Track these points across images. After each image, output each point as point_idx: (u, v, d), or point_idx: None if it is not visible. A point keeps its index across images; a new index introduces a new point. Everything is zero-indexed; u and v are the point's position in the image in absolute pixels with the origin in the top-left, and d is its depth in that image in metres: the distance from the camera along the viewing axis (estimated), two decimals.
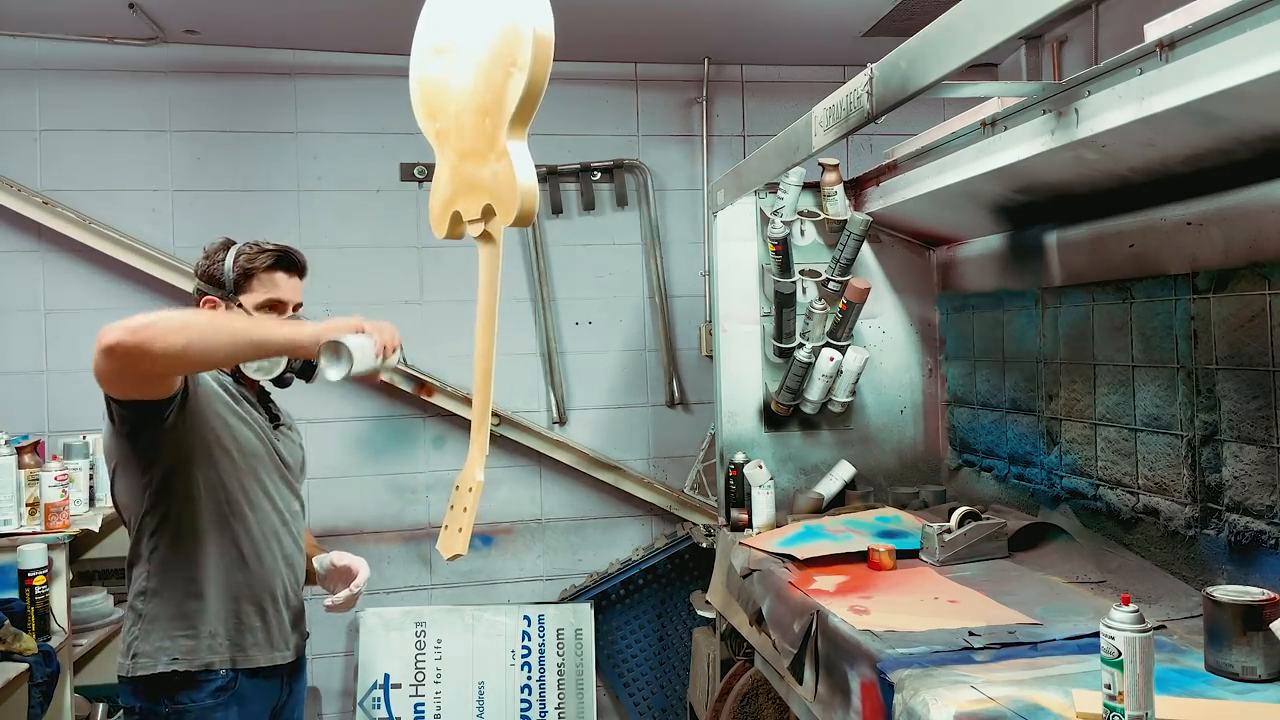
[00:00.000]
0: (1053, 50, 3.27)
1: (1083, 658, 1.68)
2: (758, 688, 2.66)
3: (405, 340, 3.50)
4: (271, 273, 1.92)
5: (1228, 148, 1.72)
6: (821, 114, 2.15)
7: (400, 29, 1.73)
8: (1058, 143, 1.91)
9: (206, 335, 1.61)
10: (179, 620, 1.81)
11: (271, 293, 1.92)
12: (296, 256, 1.97)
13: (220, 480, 1.84)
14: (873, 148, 3.67)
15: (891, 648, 1.80)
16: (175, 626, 1.81)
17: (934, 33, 1.68)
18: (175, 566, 1.82)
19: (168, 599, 1.82)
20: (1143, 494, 2.20)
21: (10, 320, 3.37)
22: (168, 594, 1.82)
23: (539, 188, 3.78)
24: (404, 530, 3.64)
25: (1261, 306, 1.85)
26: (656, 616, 3.74)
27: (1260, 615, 1.58)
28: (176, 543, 1.82)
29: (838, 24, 3.36)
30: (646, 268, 3.80)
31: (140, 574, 1.85)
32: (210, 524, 1.84)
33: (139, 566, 1.85)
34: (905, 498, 2.96)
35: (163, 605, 1.82)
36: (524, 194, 1.45)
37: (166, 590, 1.82)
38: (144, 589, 1.84)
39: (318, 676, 3.57)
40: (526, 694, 3.56)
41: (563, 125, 3.69)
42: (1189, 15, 1.53)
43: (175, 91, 3.47)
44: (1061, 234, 2.43)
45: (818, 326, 2.89)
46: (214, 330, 1.64)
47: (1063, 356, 2.48)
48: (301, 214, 3.56)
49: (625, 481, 3.72)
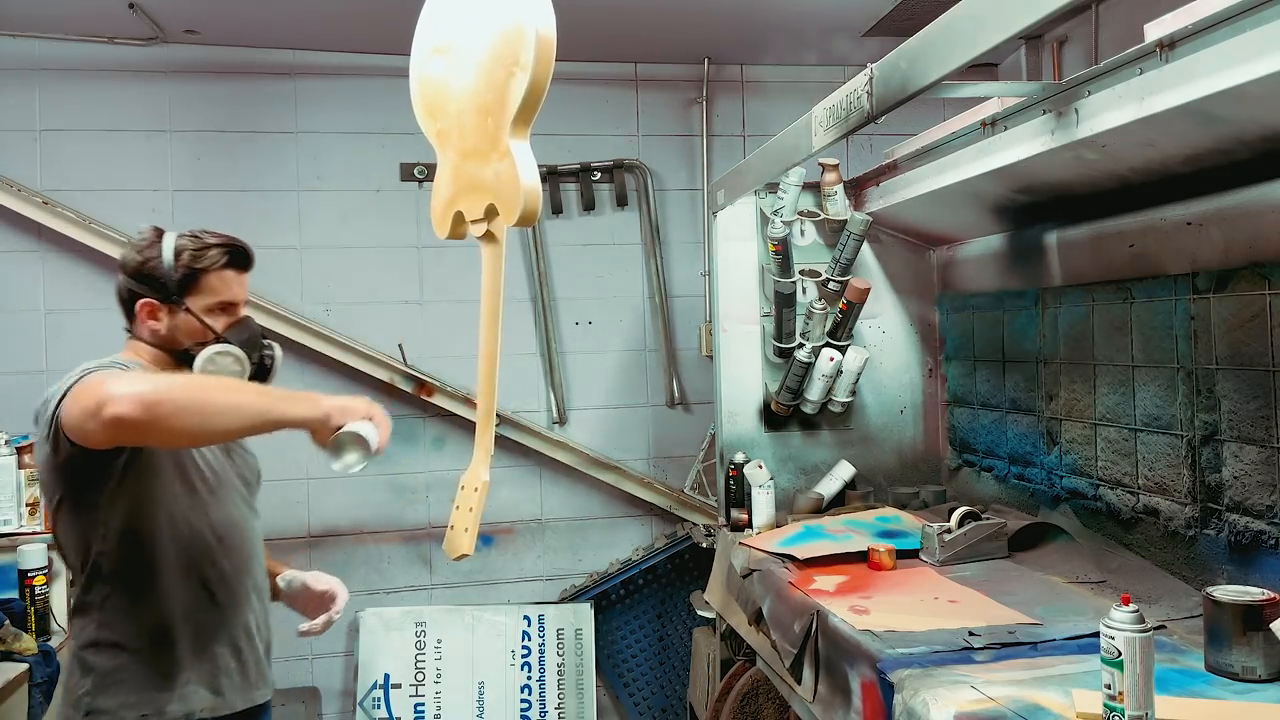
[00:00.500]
0: (1053, 50, 3.27)
1: (1083, 658, 1.68)
2: (758, 688, 2.66)
3: (405, 340, 3.54)
4: (223, 271, 1.74)
5: (1228, 148, 1.72)
6: (821, 114, 2.15)
7: (400, 29, 1.73)
8: (1058, 143, 1.91)
9: (224, 416, 1.49)
10: (148, 672, 1.63)
11: (223, 294, 1.74)
12: (248, 250, 1.80)
13: (185, 517, 1.69)
14: (873, 148, 3.67)
15: (891, 648, 1.80)
16: (145, 681, 1.63)
17: (934, 33, 1.68)
18: (136, 615, 1.64)
19: (132, 651, 1.63)
20: (1143, 494, 2.19)
21: (10, 320, 3.37)
22: (131, 645, 1.64)
23: (540, 188, 3.78)
24: (404, 530, 3.64)
25: (1261, 306, 1.85)
26: (656, 616, 3.74)
27: (1260, 615, 1.58)
28: (138, 589, 1.64)
29: (838, 24, 3.36)
30: (646, 268, 3.80)
31: (89, 623, 1.64)
32: (176, 566, 1.67)
33: (89, 615, 1.65)
34: (905, 498, 2.96)
35: (126, 657, 1.63)
36: (527, 194, 1.45)
37: (128, 640, 1.63)
38: (96, 640, 1.63)
39: (318, 676, 3.57)
40: (526, 694, 3.56)
41: (563, 125, 3.69)
42: (1189, 15, 1.53)
43: (175, 91, 3.46)
44: (1061, 234, 2.43)
45: (818, 326, 2.89)
46: (232, 409, 1.50)
47: (1063, 356, 2.48)
48: (301, 214, 3.56)
49: (625, 481, 3.72)
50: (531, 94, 1.42)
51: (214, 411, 1.48)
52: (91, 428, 1.44)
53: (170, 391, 1.45)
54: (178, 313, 1.72)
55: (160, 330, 1.72)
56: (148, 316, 1.72)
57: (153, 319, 1.72)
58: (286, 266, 3.53)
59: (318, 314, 3.55)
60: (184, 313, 1.72)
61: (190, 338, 1.73)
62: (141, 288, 1.72)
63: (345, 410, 1.59)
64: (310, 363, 3.51)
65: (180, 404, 1.44)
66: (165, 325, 1.72)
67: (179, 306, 1.71)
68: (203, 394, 1.51)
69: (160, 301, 1.71)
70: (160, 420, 1.42)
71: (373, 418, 1.62)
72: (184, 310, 1.71)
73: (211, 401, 1.49)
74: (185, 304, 1.71)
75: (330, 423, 1.57)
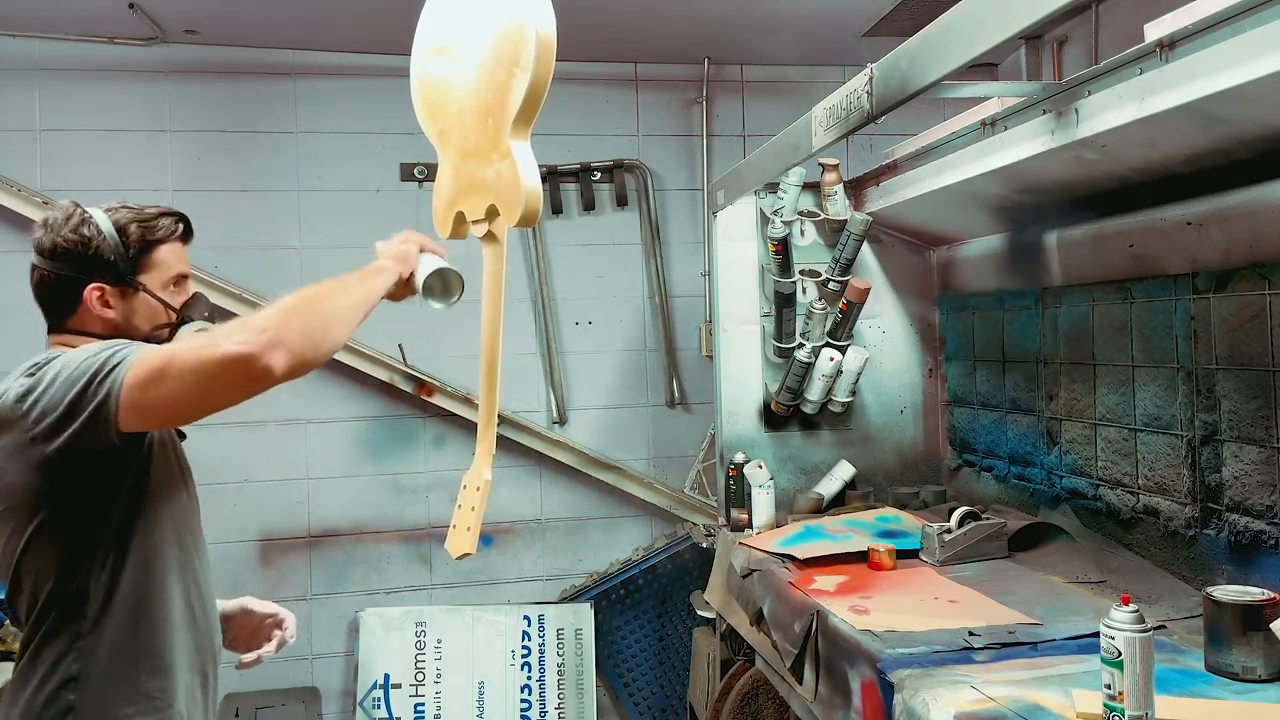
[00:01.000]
0: (1053, 50, 3.27)
1: (1083, 658, 1.68)
2: (758, 688, 2.66)
3: (405, 340, 3.54)
4: (175, 242, 1.58)
5: (1228, 148, 1.72)
6: (821, 114, 2.15)
7: (400, 29, 1.73)
8: (1058, 143, 1.91)
9: (344, 321, 1.41)
10: (139, 707, 1.42)
11: (176, 267, 1.57)
12: (189, 220, 1.63)
13: (184, 525, 1.52)
14: (873, 148, 3.67)
15: (891, 648, 1.80)
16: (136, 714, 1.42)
17: (934, 33, 1.68)
18: (132, 644, 1.43)
19: (120, 681, 1.41)
20: (1143, 494, 2.19)
21: (10, 320, 3.36)
22: (120, 676, 1.41)
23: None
24: (404, 530, 3.64)
25: (1261, 306, 1.85)
26: (656, 616, 3.74)
27: (1260, 615, 1.58)
28: (136, 613, 1.43)
29: (838, 24, 3.36)
30: (646, 268, 3.80)
31: (68, 657, 1.39)
32: (174, 582, 1.48)
33: (66, 647, 1.39)
34: (905, 498, 2.96)
35: (113, 689, 1.41)
36: (528, 194, 1.45)
37: (118, 672, 1.41)
38: (75, 675, 1.39)
39: (318, 676, 3.57)
40: (526, 694, 3.56)
41: (563, 125, 3.69)
42: (1189, 15, 1.53)
43: (175, 91, 3.46)
44: (1061, 234, 2.43)
45: (818, 326, 2.89)
46: (344, 314, 1.42)
47: (1063, 356, 2.48)
48: (301, 214, 3.56)
49: (625, 481, 3.72)
50: (532, 94, 1.42)
51: (335, 321, 1.40)
52: (227, 393, 1.33)
53: (282, 317, 1.33)
54: (132, 295, 1.53)
55: (113, 317, 1.52)
56: (99, 303, 1.51)
57: (105, 305, 1.51)
58: (286, 266, 3.53)
59: None
60: (139, 293, 1.53)
61: (149, 321, 1.55)
62: (84, 271, 1.50)
63: (404, 258, 1.57)
64: None
65: (311, 327, 1.35)
66: (119, 310, 1.53)
67: (133, 287, 1.53)
68: (318, 309, 1.39)
69: (111, 284, 1.51)
70: (318, 350, 1.35)
71: (424, 247, 1.60)
72: (139, 290, 1.53)
73: (330, 314, 1.40)
74: (139, 282, 1.53)
75: (403, 276, 1.56)
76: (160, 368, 1.31)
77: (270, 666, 3.50)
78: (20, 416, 1.36)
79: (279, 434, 3.51)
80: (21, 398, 1.36)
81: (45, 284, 1.53)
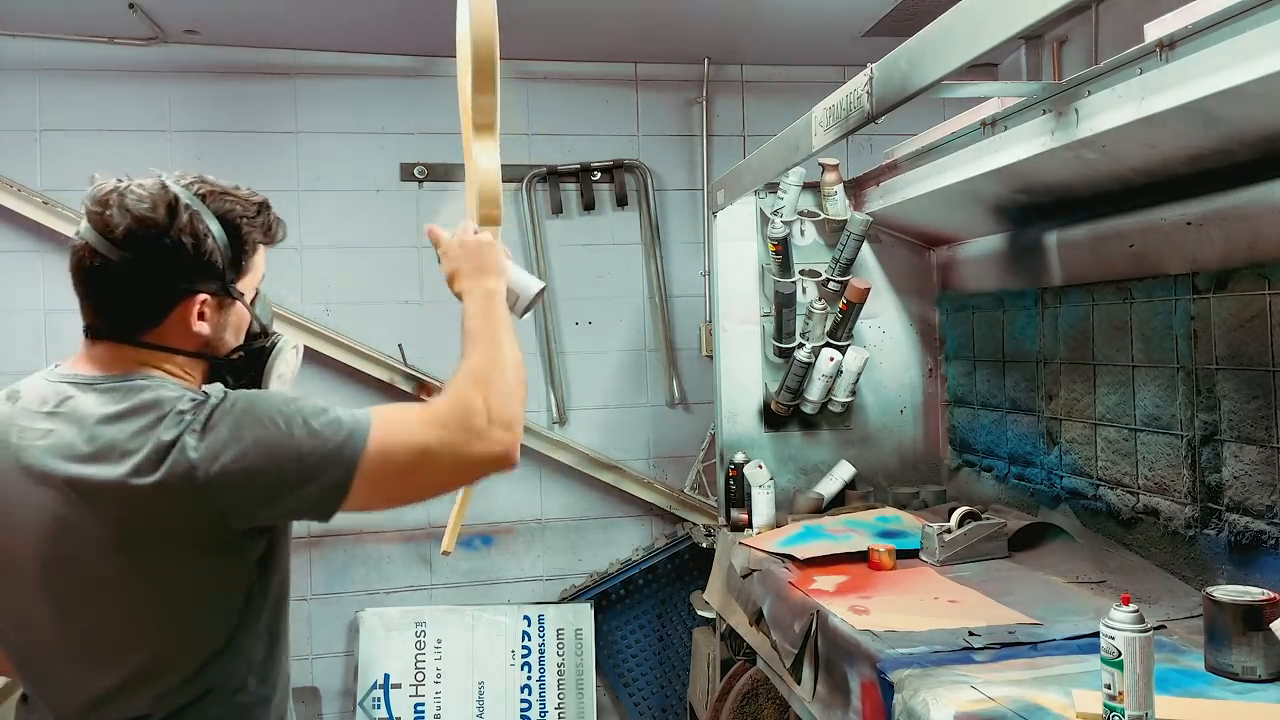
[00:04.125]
0: (1053, 50, 3.27)
1: (1083, 658, 1.68)
2: (758, 688, 2.66)
3: (405, 340, 3.54)
4: (272, 239, 1.33)
5: (1228, 148, 1.72)
6: (821, 114, 2.15)
7: (400, 29, 1.72)
8: (1058, 143, 1.91)
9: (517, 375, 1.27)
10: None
11: (262, 269, 1.34)
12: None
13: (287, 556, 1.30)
14: (873, 148, 3.67)
15: (891, 648, 1.80)
16: None
17: (934, 33, 1.68)
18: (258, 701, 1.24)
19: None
20: (1143, 494, 2.20)
21: (10, 320, 3.37)
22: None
23: (540, 188, 3.78)
24: (404, 530, 3.64)
25: (1261, 306, 1.85)
26: (656, 616, 3.74)
27: (1260, 615, 1.58)
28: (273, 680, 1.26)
29: (838, 24, 3.35)
30: (646, 268, 3.80)
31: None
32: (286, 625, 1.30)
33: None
34: (905, 498, 2.96)
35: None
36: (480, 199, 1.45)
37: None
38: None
39: (318, 676, 3.57)
40: (526, 694, 3.56)
41: (563, 125, 3.69)
42: (1189, 15, 1.53)
43: (175, 91, 3.46)
44: (1061, 234, 2.43)
45: (818, 326, 2.89)
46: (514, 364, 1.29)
47: (1063, 356, 2.48)
48: (301, 214, 3.56)
49: (625, 481, 3.72)
50: (473, 101, 1.42)
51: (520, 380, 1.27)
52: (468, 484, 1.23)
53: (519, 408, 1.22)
54: (229, 305, 1.26)
55: (208, 334, 1.23)
56: (196, 318, 1.21)
57: (202, 319, 1.22)
58: (286, 266, 3.53)
59: (317, 314, 3.55)
60: (236, 304, 1.26)
61: (238, 336, 1.31)
62: (186, 276, 1.18)
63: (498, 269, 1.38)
64: (310, 362, 3.50)
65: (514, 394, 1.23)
66: (214, 324, 1.24)
67: (232, 298, 1.25)
68: (512, 376, 1.25)
69: (214, 294, 1.22)
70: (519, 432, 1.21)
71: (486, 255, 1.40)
72: (235, 300, 1.26)
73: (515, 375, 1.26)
74: (240, 293, 1.26)
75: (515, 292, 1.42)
76: (419, 458, 1.13)
77: None
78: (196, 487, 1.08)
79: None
80: (193, 466, 1.07)
81: (114, 280, 1.16)
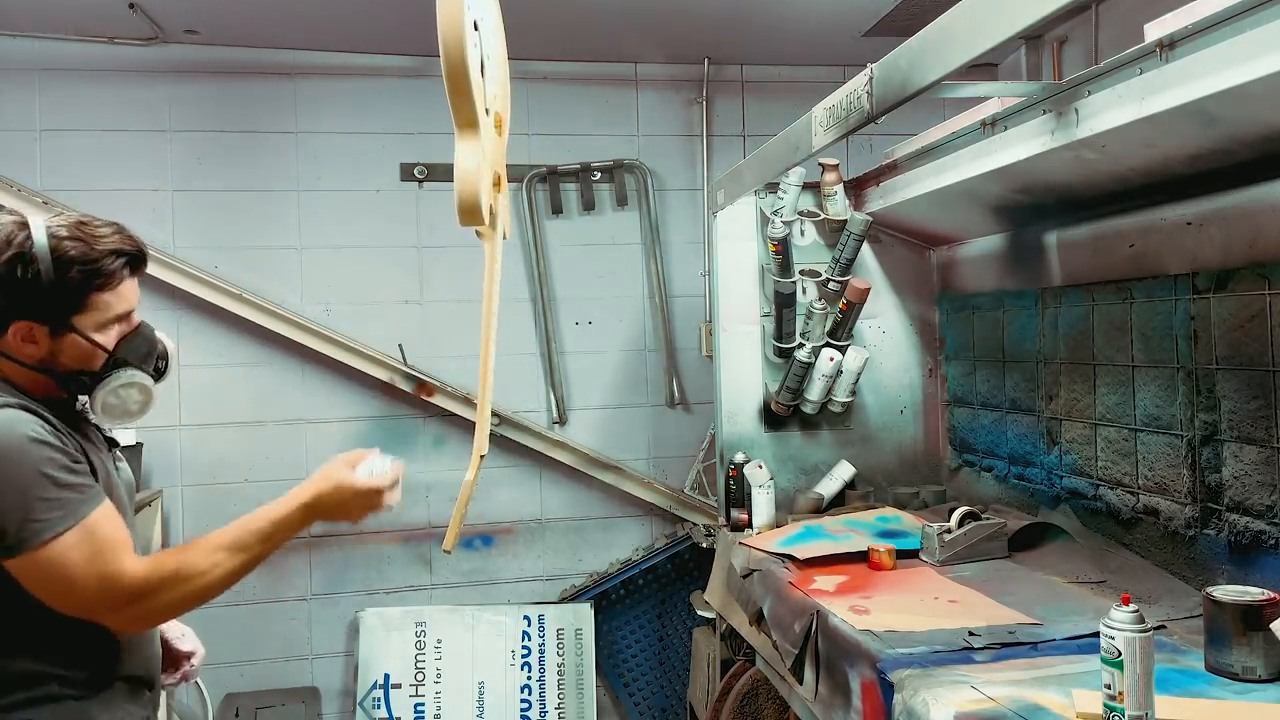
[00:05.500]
0: (1053, 50, 3.27)
1: (1083, 658, 1.68)
2: (758, 688, 2.66)
3: (405, 340, 3.54)
4: (127, 278, 1.42)
5: (1228, 148, 1.72)
6: (821, 114, 2.15)
7: (400, 29, 1.72)
8: (1058, 143, 1.91)
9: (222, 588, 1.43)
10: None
11: (118, 308, 1.41)
12: (143, 247, 1.47)
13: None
14: (873, 148, 3.67)
15: (891, 648, 1.80)
16: None
17: (934, 33, 1.68)
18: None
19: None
20: (1143, 494, 2.20)
21: None
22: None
23: (540, 188, 3.79)
24: (404, 530, 3.64)
25: (1261, 306, 1.85)
26: (656, 616, 3.74)
27: (1260, 615, 1.58)
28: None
29: (838, 24, 3.35)
30: (646, 268, 3.80)
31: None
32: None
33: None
34: (905, 498, 2.96)
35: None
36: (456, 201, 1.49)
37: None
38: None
39: (318, 676, 3.57)
40: (526, 694, 3.56)
41: (563, 125, 3.70)
42: (1189, 15, 1.53)
43: (175, 91, 3.46)
44: (1061, 234, 2.43)
45: (818, 326, 2.89)
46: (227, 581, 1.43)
47: (1063, 356, 2.48)
48: (301, 214, 3.56)
49: (625, 481, 3.72)
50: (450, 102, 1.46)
51: (214, 593, 1.42)
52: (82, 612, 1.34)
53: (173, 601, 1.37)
54: (62, 335, 1.38)
55: (37, 355, 1.39)
56: (22, 340, 1.37)
57: (30, 342, 1.38)
58: (286, 266, 3.53)
59: (318, 314, 3.55)
60: (70, 334, 1.38)
61: (77, 362, 1.41)
62: (12, 306, 1.34)
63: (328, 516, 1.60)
64: (310, 363, 3.51)
65: (179, 604, 1.38)
66: (44, 349, 1.39)
67: (61, 332, 1.37)
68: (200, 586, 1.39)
69: (39, 323, 1.36)
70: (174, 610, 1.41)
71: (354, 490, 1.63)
72: (70, 332, 1.38)
73: (211, 588, 1.40)
74: (71, 324, 1.37)
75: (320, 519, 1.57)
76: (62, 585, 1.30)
77: (270, 666, 3.52)
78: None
79: (279, 434, 3.51)
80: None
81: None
